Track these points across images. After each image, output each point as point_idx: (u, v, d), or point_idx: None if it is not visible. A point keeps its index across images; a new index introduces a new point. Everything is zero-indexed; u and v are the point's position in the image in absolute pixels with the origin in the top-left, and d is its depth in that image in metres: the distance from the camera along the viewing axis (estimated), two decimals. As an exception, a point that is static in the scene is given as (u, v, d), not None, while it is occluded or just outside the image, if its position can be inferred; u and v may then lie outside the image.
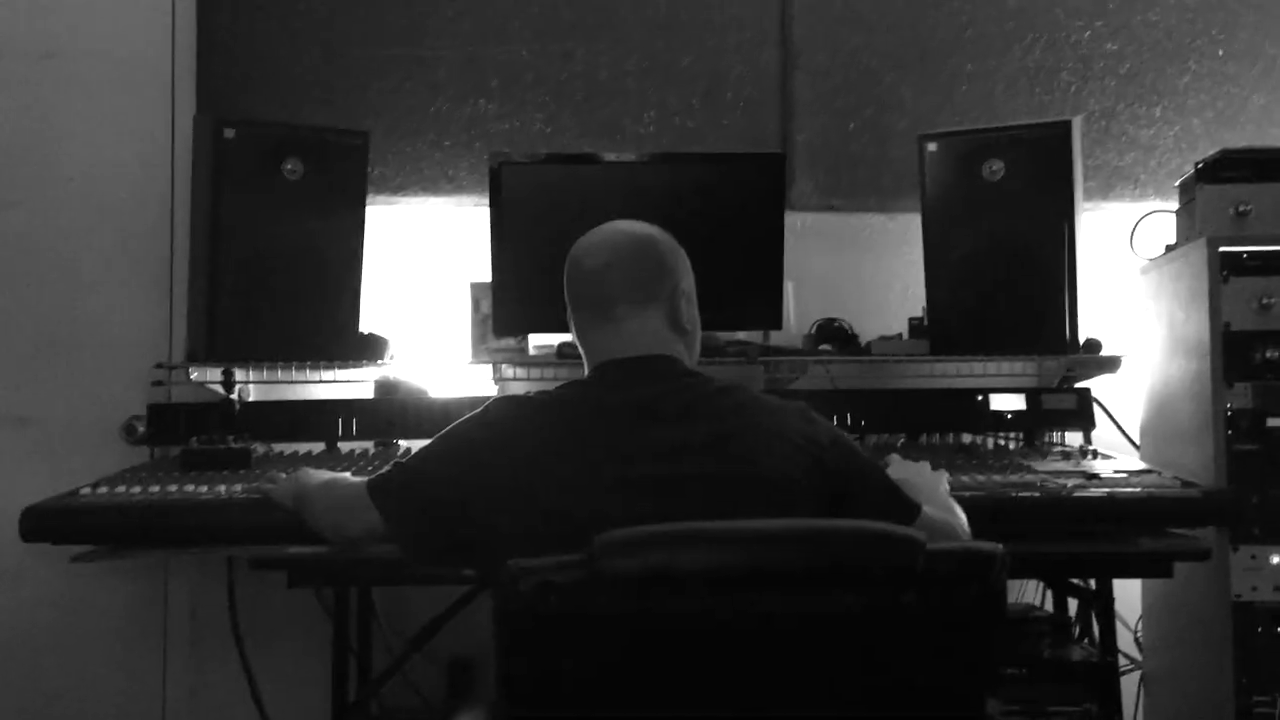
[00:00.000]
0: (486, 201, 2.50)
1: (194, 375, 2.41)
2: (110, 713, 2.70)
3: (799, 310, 2.73)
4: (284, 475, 1.90)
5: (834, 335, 2.65)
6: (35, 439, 2.68)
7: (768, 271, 2.52)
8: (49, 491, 1.96)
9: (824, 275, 2.87)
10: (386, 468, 1.63)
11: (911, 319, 2.65)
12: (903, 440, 2.48)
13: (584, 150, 2.81)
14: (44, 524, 1.87)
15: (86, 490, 1.97)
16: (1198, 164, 2.32)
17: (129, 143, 2.75)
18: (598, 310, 1.62)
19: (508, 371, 2.53)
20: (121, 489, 1.96)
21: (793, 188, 2.84)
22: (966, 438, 2.53)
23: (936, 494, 1.72)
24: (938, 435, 2.52)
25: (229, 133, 2.36)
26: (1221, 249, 2.21)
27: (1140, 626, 2.69)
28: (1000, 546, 1.18)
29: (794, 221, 2.84)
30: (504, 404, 1.58)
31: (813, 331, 2.68)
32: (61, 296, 2.72)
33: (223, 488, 1.95)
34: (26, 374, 2.70)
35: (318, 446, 2.43)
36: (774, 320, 2.55)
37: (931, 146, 2.52)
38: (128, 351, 2.69)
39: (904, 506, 1.56)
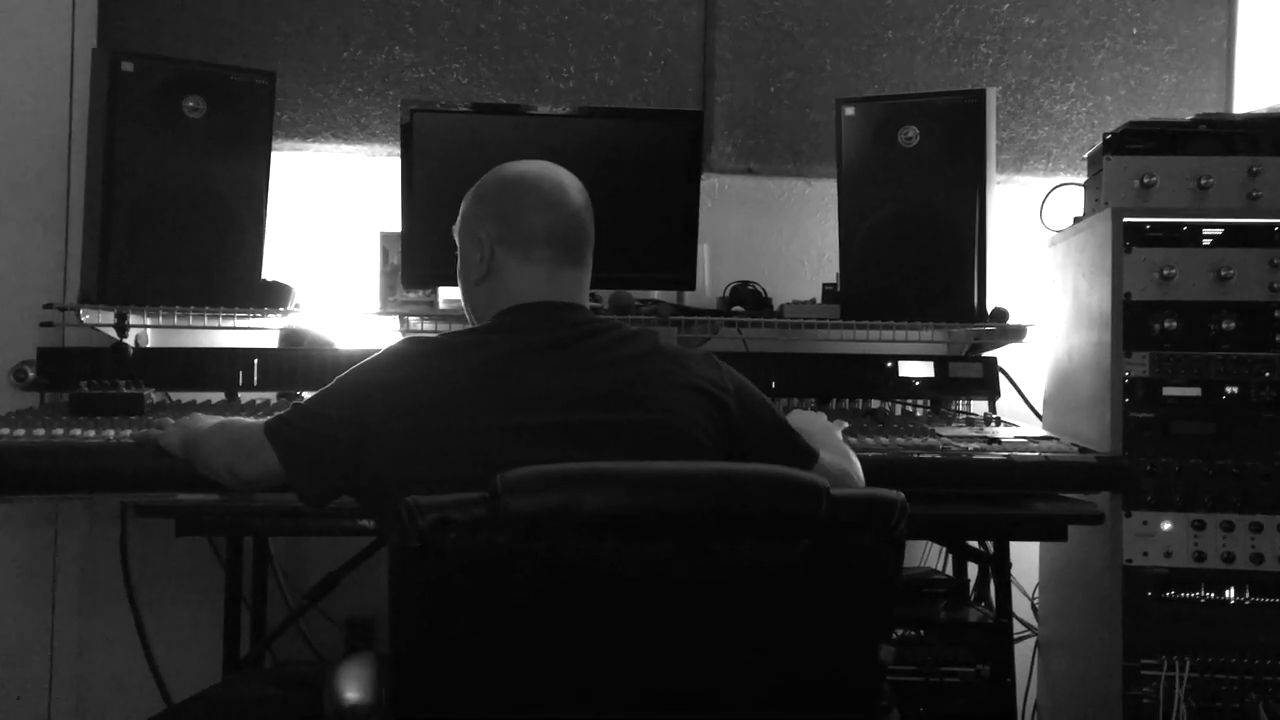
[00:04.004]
0: (399, 151, 2.44)
1: (85, 317, 2.32)
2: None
3: (713, 272, 2.72)
4: (172, 421, 1.83)
5: (747, 298, 2.65)
6: (-84, 382, 2.56)
7: (683, 232, 2.51)
8: (-71, 436, 1.86)
9: (740, 238, 2.87)
10: (284, 410, 1.58)
11: (826, 284, 2.66)
12: (813, 404, 2.50)
13: (500, 102, 2.76)
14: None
15: (-34, 432, 1.88)
16: (1106, 135, 2.35)
17: (24, 75, 2.62)
18: (527, 249, 1.57)
19: (415, 324, 2.48)
20: (4, 431, 1.89)
21: (711, 149, 2.83)
22: (875, 403, 2.56)
23: (833, 440, 1.76)
24: (847, 400, 2.55)
25: (127, 66, 2.27)
26: (1125, 219, 2.24)
27: (1037, 594, 2.74)
28: (901, 494, 1.18)
29: (711, 184, 2.84)
30: (408, 345, 1.53)
31: (726, 294, 2.67)
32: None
33: (111, 432, 1.90)
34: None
35: (217, 396, 2.37)
36: (688, 281, 2.55)
37: (849, 110, 2.52)
38: (19, 292, 2.57)
39: (804, 452, 1.60)
